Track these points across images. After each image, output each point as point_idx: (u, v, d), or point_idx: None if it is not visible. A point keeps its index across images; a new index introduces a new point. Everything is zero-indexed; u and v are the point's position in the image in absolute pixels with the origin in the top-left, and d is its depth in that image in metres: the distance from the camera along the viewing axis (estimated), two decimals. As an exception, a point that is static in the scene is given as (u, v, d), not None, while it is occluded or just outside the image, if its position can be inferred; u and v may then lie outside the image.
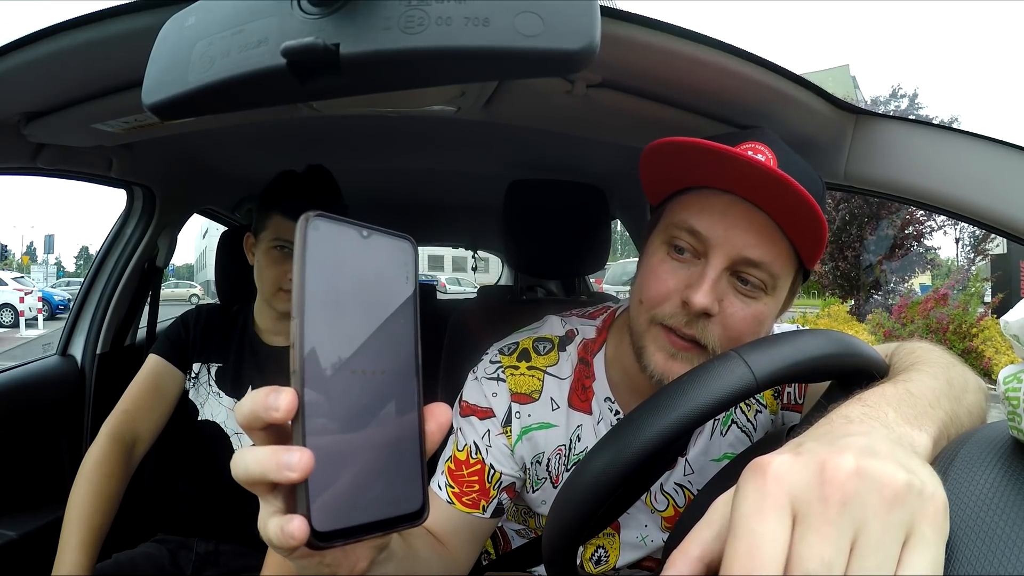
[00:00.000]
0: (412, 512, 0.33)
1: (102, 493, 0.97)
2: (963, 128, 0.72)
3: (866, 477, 0.27)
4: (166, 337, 1.15)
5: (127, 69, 0.63)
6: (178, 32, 0.37)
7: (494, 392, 0.75)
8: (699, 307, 0.58)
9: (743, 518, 0.27)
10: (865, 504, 0.26)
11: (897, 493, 0.27)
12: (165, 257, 1.48)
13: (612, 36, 0.55)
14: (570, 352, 0.77)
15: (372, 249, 0.33)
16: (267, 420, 0.30)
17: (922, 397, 0.42)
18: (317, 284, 0.30)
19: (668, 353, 0.62)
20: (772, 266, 0.60)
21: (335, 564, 0.38)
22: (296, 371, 0.29)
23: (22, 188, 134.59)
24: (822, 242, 0.58)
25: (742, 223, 0.59)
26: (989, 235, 10.87)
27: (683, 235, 0.62)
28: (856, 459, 0.28)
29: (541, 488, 0.76)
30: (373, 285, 0.32)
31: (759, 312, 0.61)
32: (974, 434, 0.40)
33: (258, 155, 1.39)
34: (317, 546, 0.29)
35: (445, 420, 0.35)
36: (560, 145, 1.10)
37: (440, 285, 17.22)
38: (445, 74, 0.36)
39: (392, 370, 0.33)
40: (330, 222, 0.31)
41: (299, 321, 0.29)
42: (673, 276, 0.62)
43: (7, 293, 13.39)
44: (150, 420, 1.07)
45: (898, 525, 0.26)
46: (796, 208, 0.55)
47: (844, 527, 0.26)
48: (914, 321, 7.59)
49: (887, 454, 0.29)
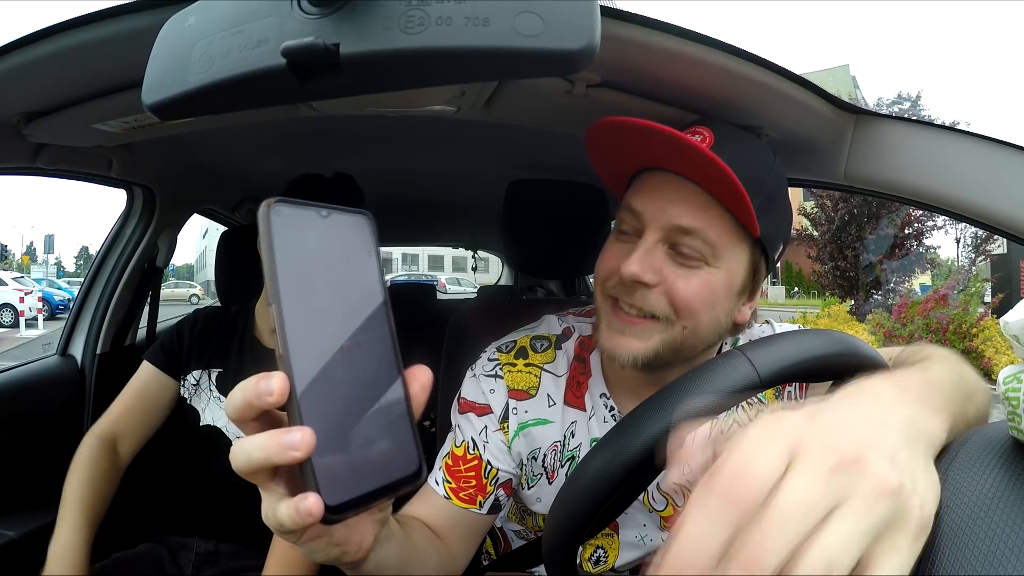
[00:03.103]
0: (410, 474, 0.34)
1: (92, 478, 1.01)
2: (963, 128, 0.72)
3: (865, 462, 0.27)
4: (159, 345, 1.16)
5: (127, 69, 0.63)
6: (178, 32, 0.37)
7: (491, 389, 0.76)
8: (627, 275, 0.61)
9: (743, 441, 0.27)
10: (857, 482, 0.26)
11: (887, 491, 0.27)
12: (165, 257, 1.48)
13: (612, 36, 0.55)
14: (567, 349, 0.78)
15: (333, 227, 0.33)
16: (261, 407, 0.30)
17: (942, 388, 0.41)
18: (288, 267, 0.31)
19: (616, 329, 0.65)
20: (705, 232, 0.61)
21: (343, 542, 0.39)
22: (283, 355, 0.30)
23: (22, 188, 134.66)
24: (747, 204, 0.58)
25: (672, 195, 0.62)
26: (989, 235, 10.88)
27: (626, 217, 0.66)
28: (862, 444, 0.28)
29: (537, 484, 0.77)
30: (340, 262, 0.33)
31: (706, 282, 0.62)
32: (974, 434, 0.40)
33: (258, 155, 1.39)
34: (331, 520, 0.30)
35: (427, 380, 0.36)
36: (560, 145, 1.10)
37: (440, 285, 17.22)
38: (445, 74, 0.36)
39: (370, 342, 0.34)
40: (291, 206, 0.32)
41: (277, 306, 0.30)
42: (618, 253, 0.65)
43: (7, 293, 13.39)
44: (133, 423, 1.10)
45: (878, 518, 0.26)
46: (710, 171, 0.58)
47: (832, 487, 0.26)
48: (914, 321, 7.59)
49: (892, 453, 0.29)
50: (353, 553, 0.40)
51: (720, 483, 0.26)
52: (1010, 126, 66.92)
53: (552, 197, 1.14)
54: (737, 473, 0.26)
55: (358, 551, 0.40)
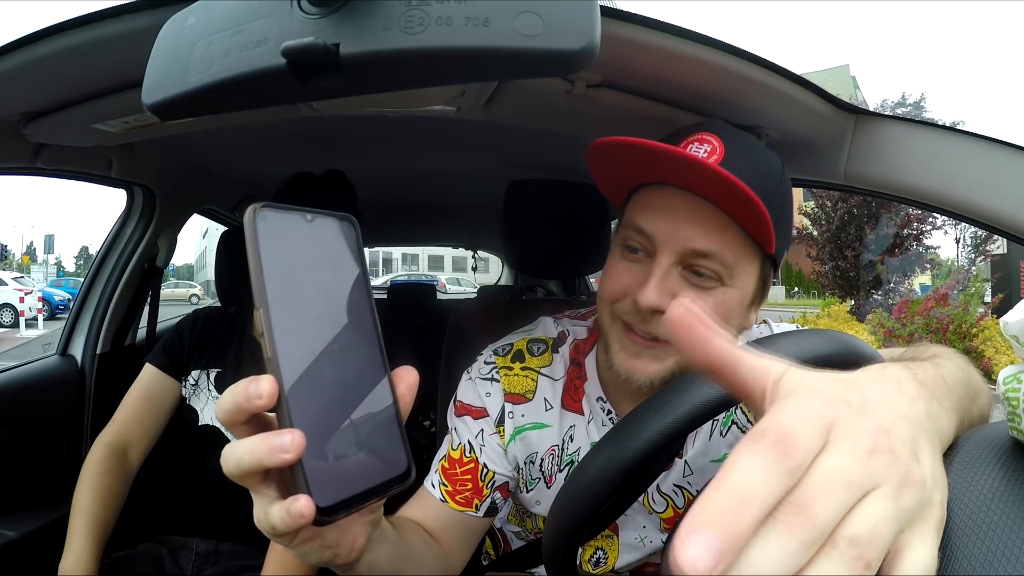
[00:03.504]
0: (400, 474, 0.34)
1: (103, 489, 1.00)
2: (964, 128, 0.72)
3: (896, 452, 0.27)
4: (161, 347, 1.17)
5: (127, 69, 0.63)
6: (178, 32, 0.37)
7: (488, 392, 0.75)
8: (646, 306, 0.59)
9: (787, 407, 0.26)
10: (889, 470, 0.26)
11: (915, 482, 0.26)
12: (165, 257, 1.48)
13: (612, 36, 0.55)
14: (563, 353, 0.78)
15: (318, 232, 0.34)
16: (250, 410, 0.30)
17: (954, 388, 0.41)
18: (274, 272, 0.31)
19: (631, 352, 0.63)
20: (723, 255, 0.59)
21: (336, 544, 0.39)
22: (271, 358, 0.30)
23: (22, 188, 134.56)
24: (765, 223, 0.56)
25: (685, 215, 0.59)
26: (989, 235, 10.88)
27: (633, 235, 0.62)
28: (893, 434, 0.27)
29: (535, 488, 0.76)
30: (325, 265, 0.34)
31: (719, 303, 0.60)
32: (974, 434, 0.40)
33: (258, 155, 1.39)
34: (323, 521, 0.30)
35: (413, 380, 0.36)
36: (560, 145, 1.10)
37: (440, 285, 17.21)
38: (445, 74, 0.36)
39: (357, 344, 0.34)
40: (276, 211, 0.32)
41: (264, 310, 0.30)
42: (627, 274, 0.63)
43: (7, 293, 13.39)
44: (142, 428, 1.10)
45: (909, 506, 0.26)
46: (729, 194, 0.55)
47: (869, 470, 0.25)
48: (914, 321, 7.59)
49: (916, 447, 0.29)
50: (346, 555, 0.40)
51: (768, 439, 0.25)
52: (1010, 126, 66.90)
53: (552, 197, 1.14)
54: (784, 436, 0.25)
55: (350, 552, 0.40)
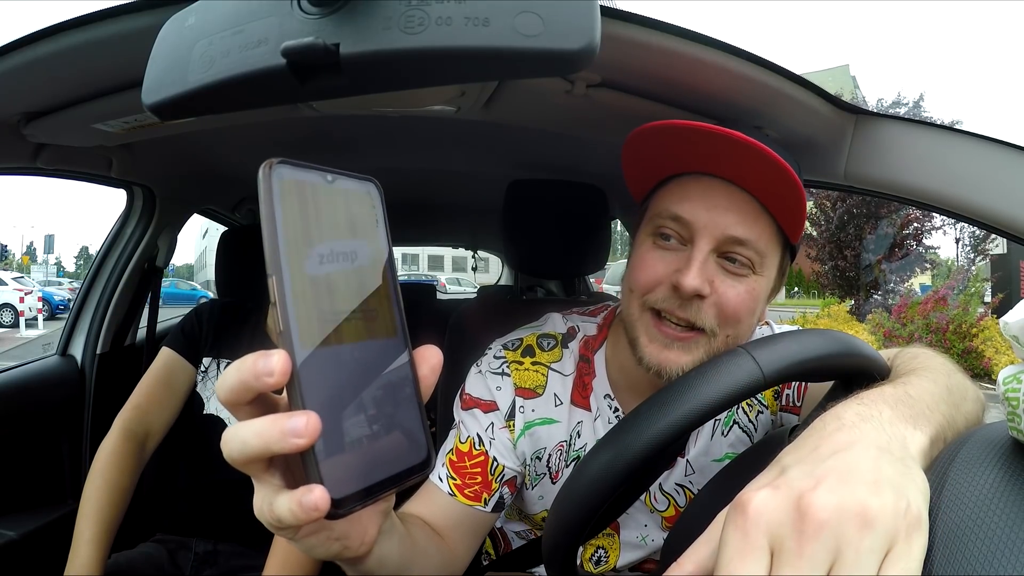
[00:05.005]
0: (419, 462, 0.31)
1: (115, 487, 0.99)
2: (964, 128, 0.72)
3: (840, 508, 0.28)
4: (180, 330, 1.16)
5: (127, 69, 0.63)
6: (178, 32, 0.37)
7: (498, 386, 0.75)
8: (690, 289, 0.59)
9: (726, 561, 0.29)
10: (839, 534, 0.28)
11: (869, 519, 0.28)
12: (165, 257, 1.48)
13: (612, 36, 0.55)
14: (573, 349, 0.78)
15: (339, 194, 0.30)
16: (258, 388, 0.27)
17: (920, 399, 0.42)
18: (289, 235, 0.27)
19: (662, 344, 0.62)
20: (757, 243, 0.61)
21: (345, 535, 0.36)
22: (283, 331, 0.27)
23: (22, 188, 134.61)
24: (802, 212, 0.58)
25: (723, 203, 0.61)
26: (989, 235, 10.87)
27: (667, 223, 0.63)
28: (832, 489, 0.29)
29: (539, 484, 0.76)
30: (345, 231, 0.30)
31: (751, 290, 0.62)
32: (974, 434, 0.40)
33: (258, 155, 1.38)
34: (336, 515, 0.27)
35: (437, 362, 0.33)
36: (560, 145, 1.10)
37: (440, 285, 17.21)
38: (445, 74, 0.36)
39: (377, 319, 0.30)
40: (294, 168, 0.29)
41: (277, 277, 0.27)
42: (662, 262, 0.63)
43: (7, 293, 13.38)
44: (161, 414, 1.08)
45: (872, 550, 0.28)
46: (775, 179, 0.56)
47: (819, 559, 0.27)
48: (914, 321, 7.59)
49: (868, 471, 0.31)
50: (356, 547, 0.37)
51: None
52: (1010, 126, 66.87)
53: (552, 197, 1.14)
54: None
55: (361, 545, 0.37)
